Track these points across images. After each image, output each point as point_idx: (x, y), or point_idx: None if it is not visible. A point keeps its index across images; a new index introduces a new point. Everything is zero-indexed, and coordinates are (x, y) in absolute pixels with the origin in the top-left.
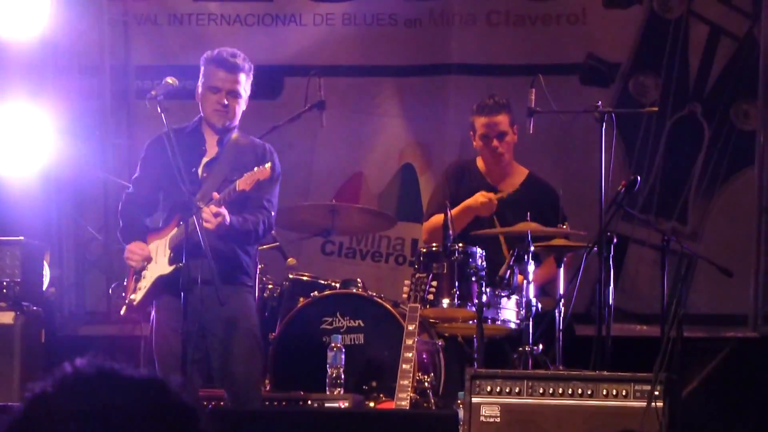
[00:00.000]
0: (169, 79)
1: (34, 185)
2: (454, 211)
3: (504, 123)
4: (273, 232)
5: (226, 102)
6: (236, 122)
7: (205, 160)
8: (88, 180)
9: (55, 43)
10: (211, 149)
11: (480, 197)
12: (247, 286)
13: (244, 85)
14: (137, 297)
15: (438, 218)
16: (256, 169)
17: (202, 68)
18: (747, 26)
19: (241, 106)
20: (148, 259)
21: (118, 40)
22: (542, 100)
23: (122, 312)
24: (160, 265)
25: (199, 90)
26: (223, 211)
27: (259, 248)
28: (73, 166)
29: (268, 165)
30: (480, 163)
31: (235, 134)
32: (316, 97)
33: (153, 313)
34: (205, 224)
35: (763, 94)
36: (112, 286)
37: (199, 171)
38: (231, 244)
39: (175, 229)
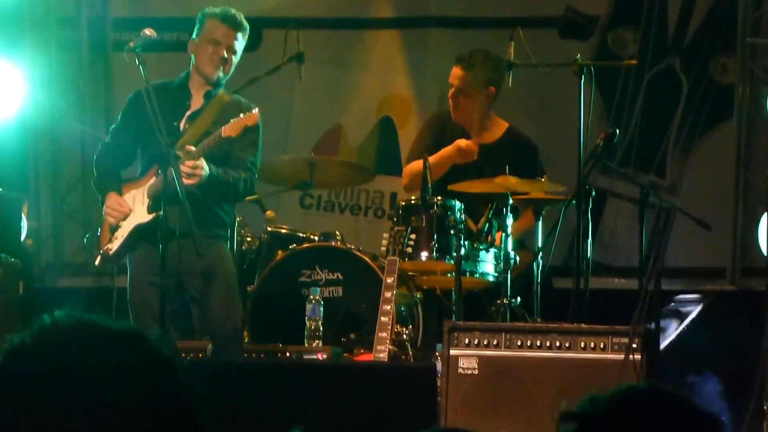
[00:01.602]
0: (147, 31)
1: (11, 137)
2: (433, 158)
3: (467, 80)
4: None
5: (225, 55)
6: (227, 77)
7: (188, 113)
8: (65, 132)
9: None
10: (196, 104)
11: (460, 142)
12: (223, 238)
13: (241, 43)
14: (113, 246)
15: (418, 164)
16: (242, 115)
17: (204, 21)
18: None
19: (233, 64)
20: (128, 212)
21: None
22: (521, 53)
23: (97, 262)
24: (138, 214)
25: (196, 42)
26: (201, 162)
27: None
28: (50, 118)
29: (255, 110)
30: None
31: (221, 90)
32: (294, 50)
33: (128, 266)
34: (185, 180)
35: (742, 48)
36: (86, 236)
37: (182, 124)
38: (208, 197)
39: (154, 177)
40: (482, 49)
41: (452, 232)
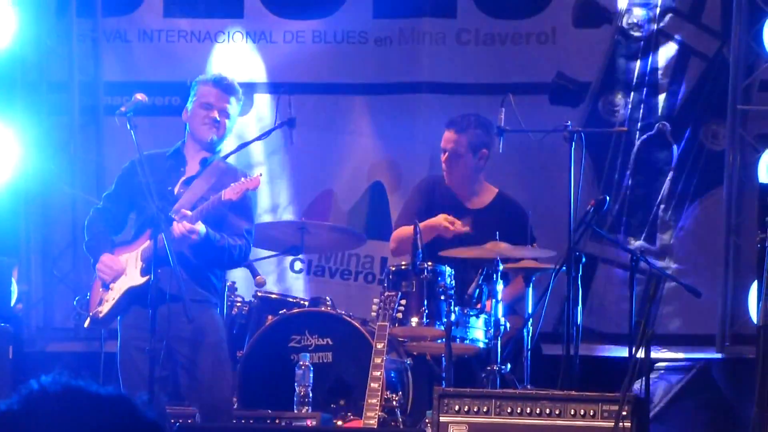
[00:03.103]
0: (139, 95)
1: (2, 201)
2: (423, 225)
3: (460, 143)
4: None
5: (217, 118)
6: (222, 142)
7: (183, 179)
8: (56, 196)
9: (23, 59)
10: (192, 170)
11: (442, 221)
12: (213, 303)
13: (234, 108)
14: (104, 309)
15: (406, 229)
16: (243, 179)
17: (196, 88)
18: (716, 46)
19: (228, 128)
20: (121, 272)
21: (87, 56)
22: (512, 119)
23: (86, 324)
24: (131, 277)
25: (189, 108)
26: (197, 226)
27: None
28: (41, 181)
29: (258, 174)
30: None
31: (217, 158)
32: (285, 115)
33: (119, 330)
34: (181, 240)
35: (732, 115)
36: (76, 299)
37: (176, 188)
38: (202, 261)
39: (148, 241)
40: (472, 113)
41: (442, 297)
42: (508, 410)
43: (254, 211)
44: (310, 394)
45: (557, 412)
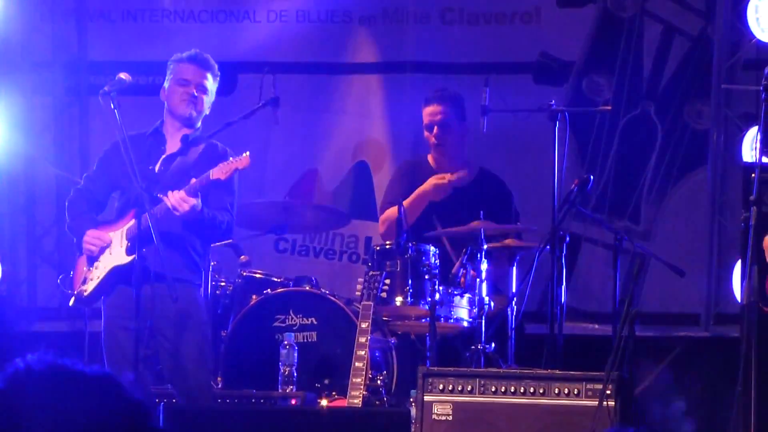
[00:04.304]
0: (122, 75)
1: None
2: (407, 201)
3: (447, 113)
4: None
5: (195, 93)
6: (200, 118)
7: (163, 157)
8: (40, 175)
9: (5, 38)
10: (172, 147)
11: (433, 179)
12: (196, 284)
13: (212, 84)
14: (88, 288)
15: (393, 210)
16: (231, 158)
17: (172, 66)
18: (700, 25)
19: (206, 104)
20: (108, 245)
21: (70, 35)
22: (496, 98)
23: (71, 303)
24: (116, 255)
25: (166, 86)
26: (193, 200)
27: (213, 245)
28: (25, 161)
29: (246, 153)
30: (431, 158)
31: (196, 133)
32: (269, 94)
33: (102, 309)
34: (174, 211)
35: (716, 94)
36: (60, 277)
37: (157, 167)
38: (186, 239)
39: (132, 220)
40: (441, 86)
41: (427, 276)
42: (493, 389)
43: (236, 186)
44: (295, 374)
45: (541, 391)
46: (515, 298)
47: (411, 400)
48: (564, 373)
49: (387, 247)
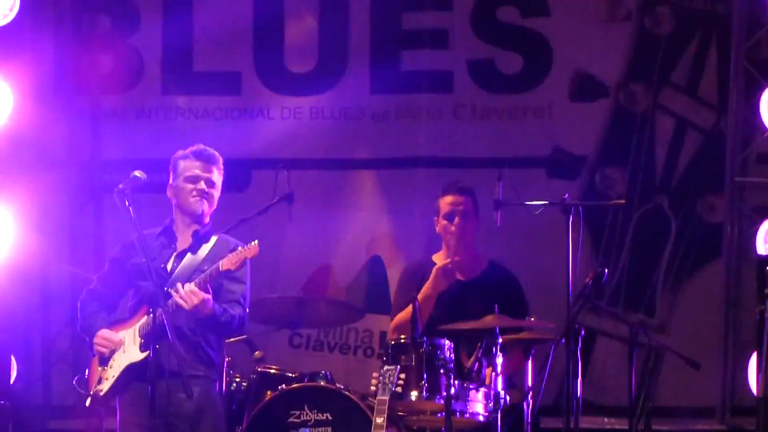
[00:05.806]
0: (137, 173)
1: (0, 279)
2: (419, 296)
3: (467, 203)
4: None
5: (206, 189)
6: (210, 213)
7: (175, 254)
8: (55, 274)
9: (21, 138)
10: (183, 244)
11: (435, 270)
12: (212, 379)
13: (218, 177)
14: (104, 387)
15: (402, 316)
16: (240, 248)
17: (177, 164)
18: (713, 119)
19: (215, 197)
20: (119, 346)
21: (85, 134)
22: (509, 192)
23: (87, 403)
24: (130, 353)
25: (174, 184)
26: (204, 295)
27: (227, 341)
28: (39, 259)
29: (255, 242)
30: (437, 258)
31: (206, 228)
32: (284, 190)
33: (117, 408)
34: (181, 303)
35: (730, 187)
36: (75, 378)
37: (169, 264)
38: (200, 334)
39: (145, 317)
40: (456, 179)
41: (442, 371)
42: None
43: (248, 277)
44: None
45: None
46: (531, 392)
47: None
48: None
49: (402, 341)
